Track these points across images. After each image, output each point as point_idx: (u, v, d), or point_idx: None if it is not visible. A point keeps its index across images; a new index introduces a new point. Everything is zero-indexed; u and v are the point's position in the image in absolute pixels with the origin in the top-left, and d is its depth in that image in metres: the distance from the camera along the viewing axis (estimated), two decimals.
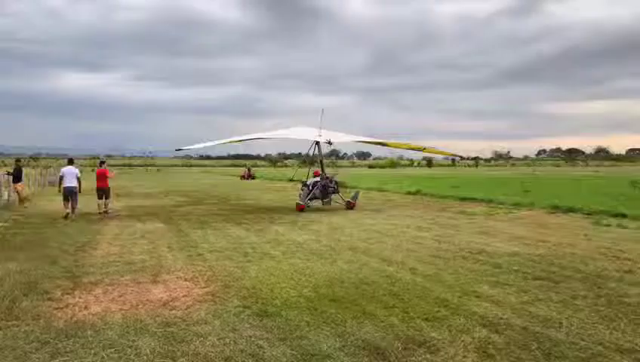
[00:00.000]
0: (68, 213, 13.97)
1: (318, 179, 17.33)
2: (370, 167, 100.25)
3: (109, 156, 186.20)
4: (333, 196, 17.42)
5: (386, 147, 22.71)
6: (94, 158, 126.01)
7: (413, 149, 22.67)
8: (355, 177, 38.78)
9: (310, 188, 17.12)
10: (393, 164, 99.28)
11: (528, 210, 16.16)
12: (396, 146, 24.59)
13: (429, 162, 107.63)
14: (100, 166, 16.50)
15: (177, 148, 19.92)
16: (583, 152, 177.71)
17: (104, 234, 11.29)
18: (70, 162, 15.41)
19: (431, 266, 7.84)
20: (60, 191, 14.45)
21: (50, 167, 50.21)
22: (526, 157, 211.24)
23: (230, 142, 19.46)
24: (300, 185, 18.27)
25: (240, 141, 19.90)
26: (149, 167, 78.79)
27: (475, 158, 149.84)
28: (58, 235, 10.96)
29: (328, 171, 19.48)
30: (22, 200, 17.87)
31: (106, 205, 15.18)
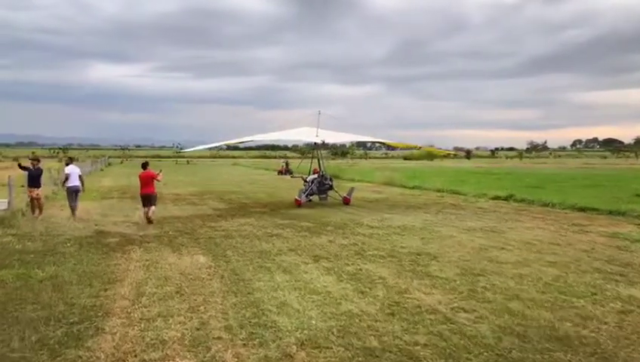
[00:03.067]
0: (73, 210, 13.95)
1: (316, 176, 18.42)
2: (406, 158, 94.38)
3: (137, 147, 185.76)
4: (329, 192, 18.49)
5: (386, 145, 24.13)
6: (123, 150, 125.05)
7: (409, 148, 24.84)
8: (409, 173, 34.02)
9: (310, 184, 18.06)
10: (431, 156, 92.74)
11: None
12: (394, 145, 25.45)
13: (468, 154, 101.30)
14: (144, 168, 13.49)
15: (177, 151, 20.67)
16: (622, 142, 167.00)
17: (119, 282, 7.30)
18: (70, 160, 15.60)
19: None
20: (66, 190, 14.18)
21: (77, 159, 47.23)
22: (563, 148, 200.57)
23: (228, 144, 19.92)
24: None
25: (240, 142, 20.54)
26: (179, 160, 75.60)
27: (513, 149, 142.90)
28: (48, 285, 7.01)
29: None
30: (34, 208, 13.73)
31: (152, 213, 13.16)
